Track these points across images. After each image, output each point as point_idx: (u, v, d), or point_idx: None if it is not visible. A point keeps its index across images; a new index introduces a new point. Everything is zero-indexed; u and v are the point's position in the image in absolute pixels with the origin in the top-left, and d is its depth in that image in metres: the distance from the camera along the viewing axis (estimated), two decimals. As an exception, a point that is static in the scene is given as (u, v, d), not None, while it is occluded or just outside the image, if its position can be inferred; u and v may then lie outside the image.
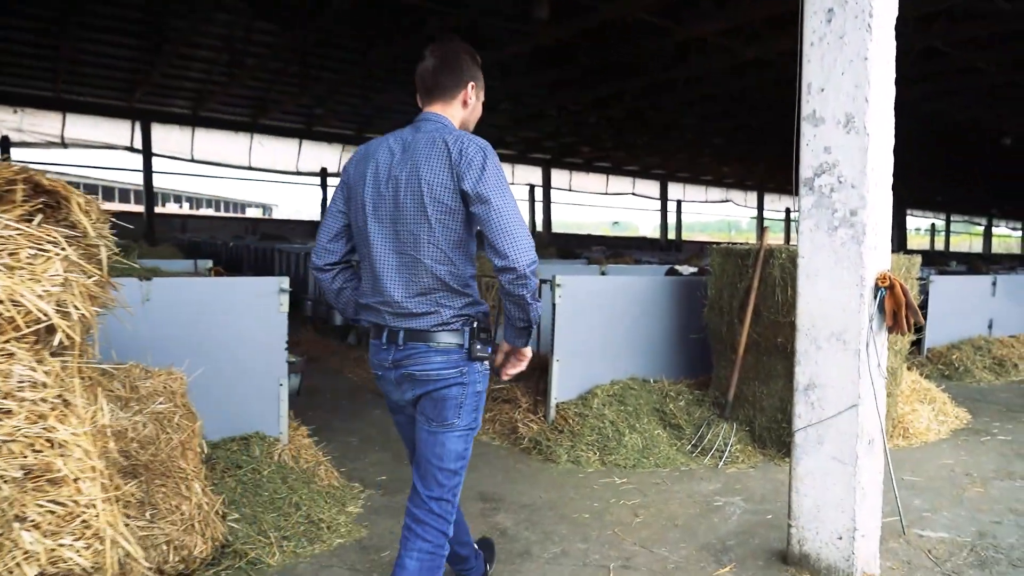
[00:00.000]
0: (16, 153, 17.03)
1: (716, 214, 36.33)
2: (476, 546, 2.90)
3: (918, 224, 42.05)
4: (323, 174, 21.19)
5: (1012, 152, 20.35)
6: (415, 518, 2.29)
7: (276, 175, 20.61)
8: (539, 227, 26.52)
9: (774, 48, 11.04)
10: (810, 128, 3.08)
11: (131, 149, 18.05)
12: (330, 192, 21.70)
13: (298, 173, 21.04)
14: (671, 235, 30.51)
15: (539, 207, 26.73)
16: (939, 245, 40.13)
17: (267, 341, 3.87)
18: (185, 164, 19.14)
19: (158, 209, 21.93)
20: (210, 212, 41.21)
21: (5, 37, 14.17)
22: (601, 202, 29.48)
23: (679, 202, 30.87)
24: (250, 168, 19.91)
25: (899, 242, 35.16)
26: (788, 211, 34.14)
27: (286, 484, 3.57)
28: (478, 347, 2.22)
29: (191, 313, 3.63)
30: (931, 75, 13.18)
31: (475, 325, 2.24)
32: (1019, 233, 47.71)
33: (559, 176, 27.32)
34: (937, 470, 4.68)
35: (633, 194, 29.73)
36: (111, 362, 3.15)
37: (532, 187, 26.27)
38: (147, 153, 18.03)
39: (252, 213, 48.24)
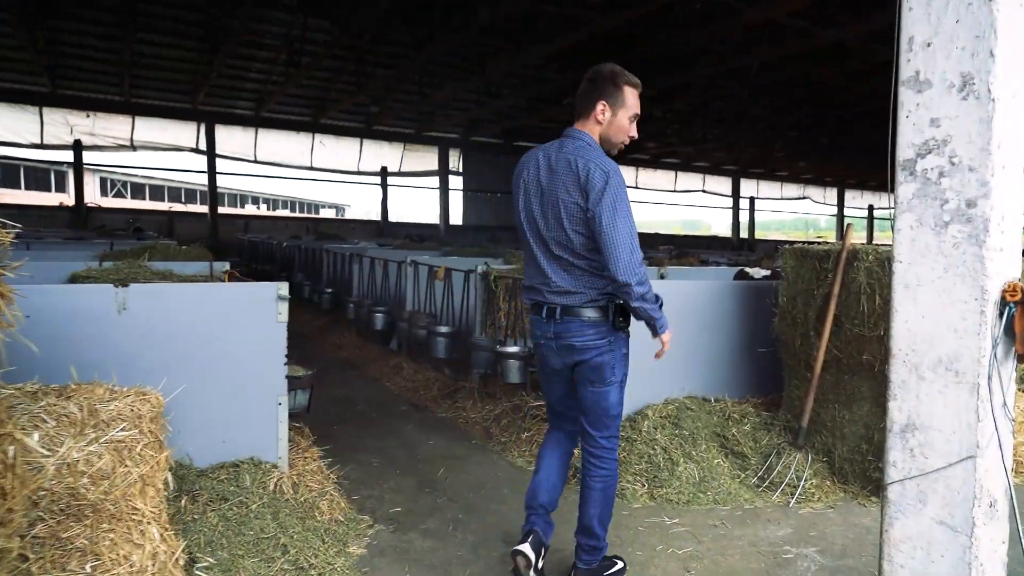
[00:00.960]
0: (88, 156, 17.51)
1: (793, 212, 34.65)
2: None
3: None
4: (383, 173, 21.06)
5: None
6: (594, 455, 2.89)
7: (338, 175, 20.58)
8: (603, 226, 25.71)
9: (854, 31, 10.04)
10: (911, 95, 2.40)
11: (196, 150, 18.31)
12: (390, 191, 21.57)
13: (360, 173, 20.96)
14: (744, 234, 29.15)
15: (603, 205, 25.94)
16: None
17: (264, 354, 3.43)
18: (250, 165, 19.30)
19: (225, 210, 22.27)
20: (285, 212, 42.15)
21: (77, 43, 14.51)
22: (671, 200, 28.42)
23: (752, 199, 29.46)
24: (312, 168, 19.94)
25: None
26: (871, 208, 32.20)
27: (276, 520, 3.11)
28: (620, 319, 2.79)
29: (176, 324, 3.22)
30: None
31: (616, 302, 2.76)
32: None
33: (625, 173, 26.34)
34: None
35: (703, 191, 28.54)
36: (71, 380, 2.77)
37: (596, 185, 25.52)
38: (211, 154, 18.25)
39: (325, 214, 49.10)
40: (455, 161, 22.49)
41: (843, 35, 10.20)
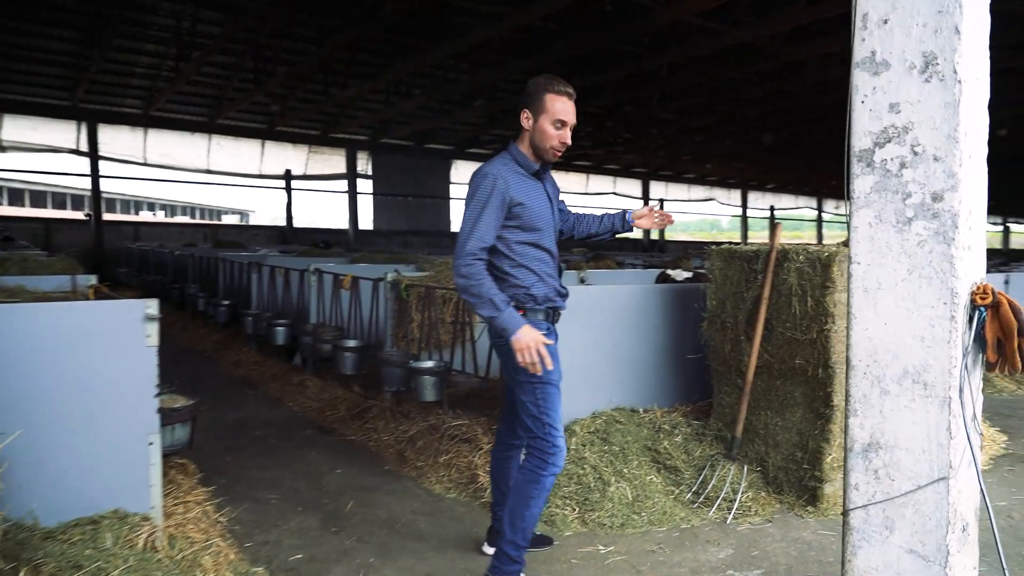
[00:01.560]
0: (-52, 158, 15.81)
1: (697, 213, 35.63)
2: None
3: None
4: (287, 176, 20.08)
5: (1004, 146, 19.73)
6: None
7: (238, 179, 19.44)
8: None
9: (764, 30, 10.18)
10: (867, 78, 2.16)
11: (77, 152, 16.83)
12: (295, 195, 20.59)
13: (261, 176, 19.90)
14: (654, 235, 29.68)
15: (517, 208, 25.78)
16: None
17: (130, 385, 2.88)
18: (140, 168, 17.94)
19: (114, 216, 20.67)
20: (185, 219, 39.85)
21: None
22: (581, 203, 28.58)
23: (661, 201, 30.05)
24: (209, 171, 18.77)
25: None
26: (772, 209, 33.53)
27: (143, 589, 2.57)
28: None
29: (17, 351, 2.63)
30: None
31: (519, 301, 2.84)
32: (999, 228, 47.61)
33: (537, 176, 26.35)
34: (995, 517, 3.77)
35: (614, 193, 28.87)
36: None
37: (509, 188, 25.33)
38: (94, 156, 16.82)
39: (228, 220, 46.94)
40: (364, 164, 21.75)
41: (751, 36, 10.33)
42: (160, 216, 48.27)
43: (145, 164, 17.84)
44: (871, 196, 2.17)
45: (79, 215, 18.69)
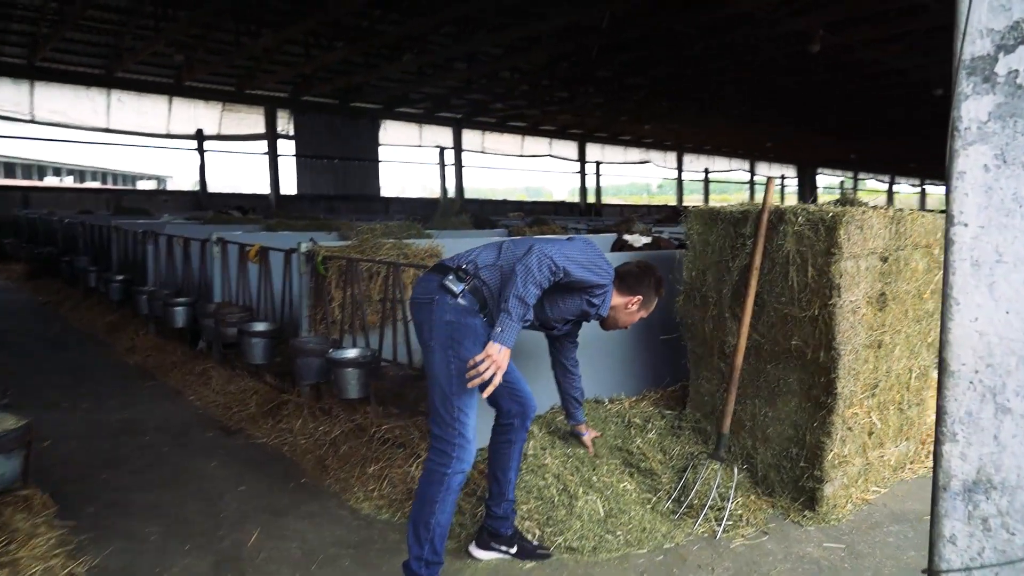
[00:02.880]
0: None
1: (630, 176, 35.32)
2: None
3: (828, 182, 42.54)
4: (199, 137, 18.44)
5: (933, 109, 19.94)
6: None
7: (142, 138, 17.73)
8: (451, 192, 24.56)
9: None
10: (990, -51, 1.45)
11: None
12: (210, 157, 19.02)
13: (170, 136, 18.21)
14: (591, 199, 29.18)
15: (450, 171, 24.73)
16: (847, 202, 40.62)
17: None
18: (26, 126, 16.07)
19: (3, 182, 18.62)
20: (96, 185, 36.92)
21: None
22: (517, 165, 27.76)
23: (598, 163, 29.50)
24: (109, 131, 17.00)
25: (812, 201, 35.28)
26: (707, 172, 33.49)
27: None
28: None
29: None
30: (872, 16, 12.04)
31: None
32: (917, 190, 49.37)
33: (471, 137, 25.36)
34: None
35: (550, 156, 28.11)
36: None
37: (442, 149, 24.22)
38: (-30, 112, 14.92)
39: (144, 186, 44.01)
40: (285, 123, 20.25)
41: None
42: (68, 182, 44.85)
43: (33, 122, 15.97)
44: (990, 126, 1.47)
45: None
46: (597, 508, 3.15)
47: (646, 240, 5.46)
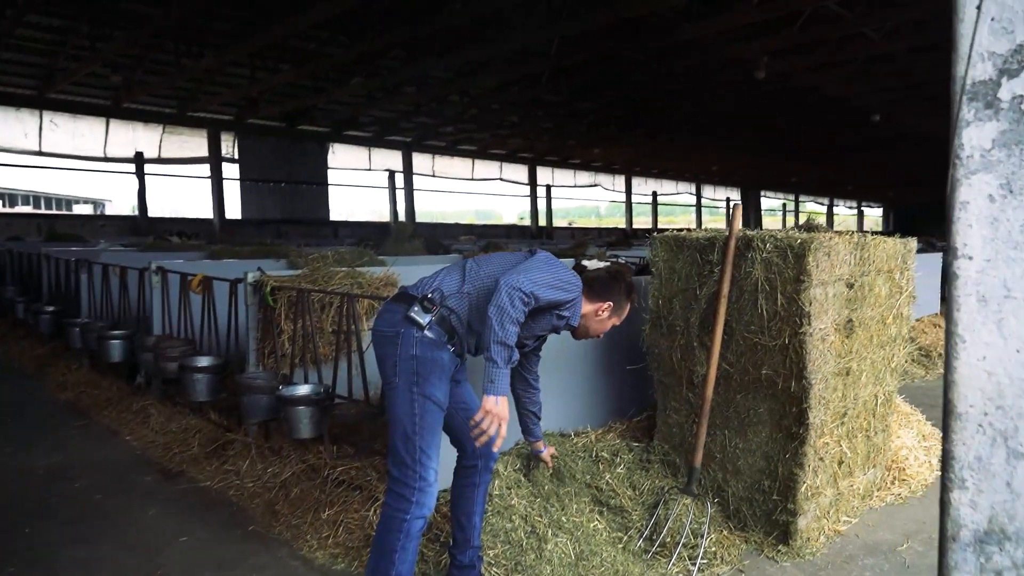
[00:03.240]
0: None
1: (579, 200, 35.66)
2: None
3: (769, 204, 43.74)
4: (139, 160, 17.79)
5: (870, 134, 20.72)
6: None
7: (76, 162, 17.00)
8: (401, 216, 24.29)
9: (658, 2, 9.64)
10: (989, -30, 1.38)
11: None
12: (152, 181, 18.36)
13: (107, 160, 17.52)
14: (542, 222, 29.27)
15: (400, 195, 24.48)
16: (790, 224, 41.88)
17: None
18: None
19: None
20: (27, 210, 35.26)
21: None
22: (467, 188, 27.67)
23: (548, 187, 29.65)
24: (41, 153, 16.26)
25: (756, 223, 36.23)
26: (655, 194, 34.03)
27: None
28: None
29: None
30: (814, 44, 12.41)
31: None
32: (854, 212, 51.21)
33: (421, 161, 25.18)
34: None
35: (501, 179, 28.13)
36: None
37: (392, 173, 23.97)
38: None
39: (81, 211, 42.23)
40: (229, 147, 19.73)
41: (646, 9, 9.78)
42: (-3, 207, 42.84)
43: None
44: (994, 154, 1.40)
45: None
46: (568, 551, 2.99)
47: (604, 265, 5.37)
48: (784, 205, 43.21)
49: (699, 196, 36.97)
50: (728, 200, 38.10)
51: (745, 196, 38.38)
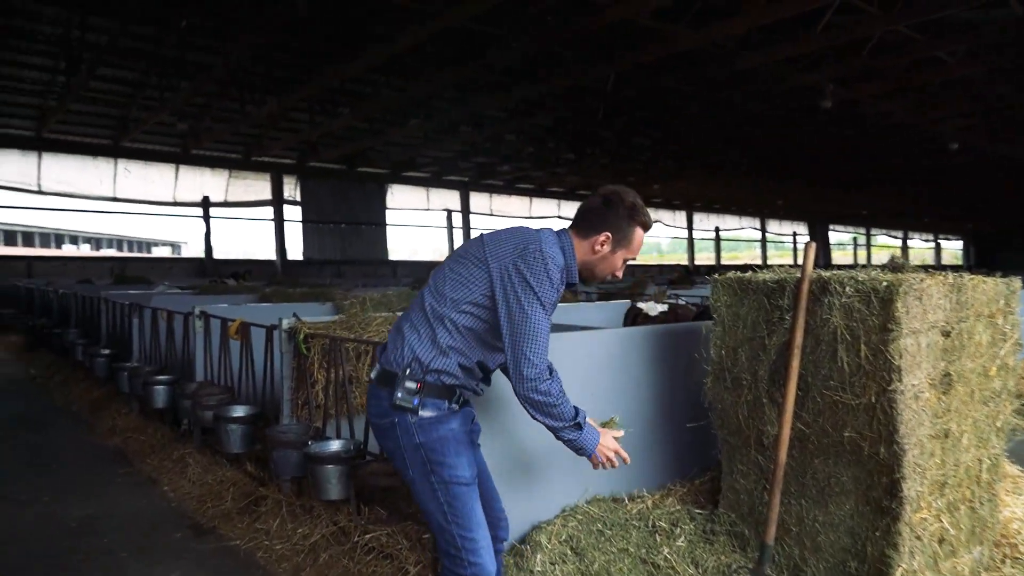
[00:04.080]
0: None
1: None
2: None
3: (839, 238, 42.19)
4: (205, 204, 18.38)
5: (946, 162, 19.70)
6: None
7: (149, 207, 17.66)
8: (459, 255, 24.27)
9: (718, 31, 9.32)
10: None
11: (-49, 179, 14.89)
12: (218, 224, 18.92)
13: (176, 204, 18.15)
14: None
15: (458, 234, 24.56)
16: (861, 259, 40.24)
17: None
18: (33, 196, 16.02)
19: (8, 251, 18.51)
20: (111, 252, 37.05)
21: None
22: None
23: (605, 224, 29.23)
24: (115, 199, 16.94)
25: (825, 258, 34.91)
26: (717, 230, 33.26)
27: None
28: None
29: None
30: (884, 70, 11.83)
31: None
32: (931, 245, 48.88)
33: (479, 200, 25.28)
34: None
35: (559, 217, 27.97)
36: None
37: (449, 212, 24.11)
38: (-25, 183, 14.92)
39: (159, 252, 44.12)
40: (291, 189, 20.20)
41: (703, 39, 9.47)
42: (85, 249, 45.14)
43: (40, 192, 15.92)
44: None
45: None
46: (620, 641, 2.60)
47: (662, 308, 5.01)
48: (855, 239, 41.57)
49: (764, 231, 35.94)
50: (795, 234, 36.91)
51: (813, 230, 37.11)
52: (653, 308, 5.04)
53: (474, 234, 22.76)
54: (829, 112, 13.29)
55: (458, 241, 24.59)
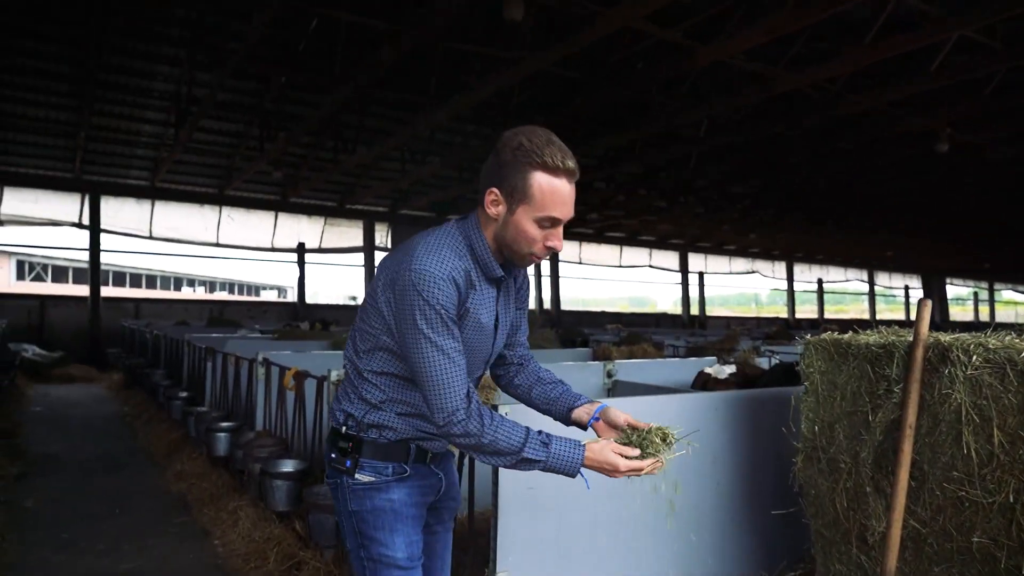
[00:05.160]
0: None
1: (737, 286, 33.79)
2: None
3: (956, 292, 39.11)
4: (300, 250, 19.01)
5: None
6: None
7: (248, 252, 18.44)
8: (547, 304, 24.03)
9: (820, 73, 8.75)
10: None
11: (78, 225, 15.99)
12: (315, 270, 19.48)
13: (274, 250, 18.87)
14: (694, 310, 27.85)
15: (546, 282, 24.32)
16: (983, 315, 37.04)
17: None
18: (144, 242, 17.05)
19: (111, 291, 19.67)
20: (224, 296, 39.18)
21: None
22: (615, 276, 27.04)
23: (701, 274, 28.33)
24: (218, 245, 17.78)
25: (941, 314, 32.35)
26: (820, 282, 31.51)
27: None
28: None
29: None
30: (1008, 111, 10.82)
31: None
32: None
33: (568, 248, 25.03)
34: None
35: (650, 266, 27.27)
36: None
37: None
38: (94, 229, 15.96)
39: (267, 296, 46.20)
40: (383, 236, 20.65)
41: (804, 80, 8.92)
42: (199, 292, 47.93)
43: (151, 238, 16.93)
44: None
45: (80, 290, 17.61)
46: None
47: (731, 370, 4.49)
48: (975, 294, 38.39)
49: (872, 284, 33.76)
50: (907, 288, 34.47)
51: (927, 284, 34.55)
52: (721, 371, 4.53)
53: (563, 284, 22.21)
54: (946, 157, 12.28)
55: (546, 290, 24.33)
